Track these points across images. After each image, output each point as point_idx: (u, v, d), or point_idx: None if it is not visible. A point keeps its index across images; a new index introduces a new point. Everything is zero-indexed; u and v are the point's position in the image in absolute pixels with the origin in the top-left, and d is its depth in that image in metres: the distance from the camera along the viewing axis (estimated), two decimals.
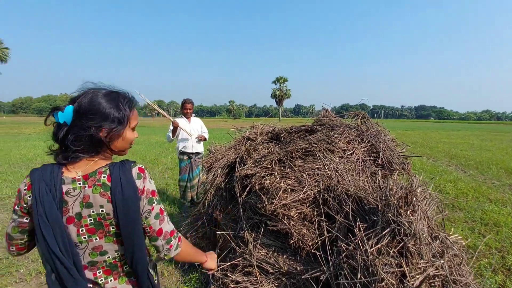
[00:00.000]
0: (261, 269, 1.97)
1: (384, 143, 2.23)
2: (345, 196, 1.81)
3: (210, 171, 2.46)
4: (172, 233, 0.93)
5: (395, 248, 1.43)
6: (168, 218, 0.94)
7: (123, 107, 0.88)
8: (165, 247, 0.91)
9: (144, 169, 0.90)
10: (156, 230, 0.89)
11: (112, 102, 0.86)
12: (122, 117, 0.87)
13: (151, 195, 0.89)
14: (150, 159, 8.59)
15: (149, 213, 0.88)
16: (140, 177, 0.87)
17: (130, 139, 0.93)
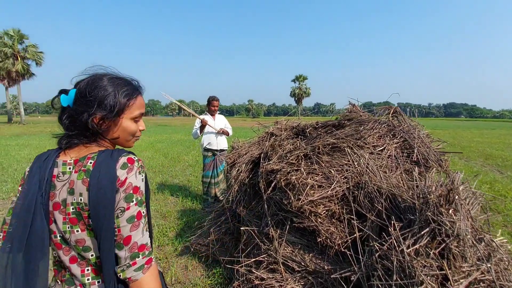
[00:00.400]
0: (286, 267, 1.92)
1: (419, 138, 2.09)
2: (377, 193, 1.71)
3: (234, 167, 2.44)
4: (142, 248, 0.76)
5: (436, 249, 1.33)
6: (144, 228, 0.77)
7: (121, 94, 0.80)
8: (127, 261, 0.74)
9: (134, 160, 0.79)
10: (124, 237, 0.73)
11: (110, 88, 0.79)
12: (116, 105, 0.79)
13: (132, 191, 0.75)
14: (172, 156, 8.81)
15: (122, 212, 0.73)
16: (125, 167, 0.76)
17: (130, 129, 0.85)
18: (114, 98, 0.78)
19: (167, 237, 3.26)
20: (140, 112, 0.87)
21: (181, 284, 2.41)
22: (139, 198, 0.77)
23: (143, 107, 0.88)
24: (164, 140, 14.15)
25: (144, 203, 0.79)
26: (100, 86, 0.78)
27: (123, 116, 0.82)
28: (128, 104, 0.82)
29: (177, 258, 2.80)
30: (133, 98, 0.84)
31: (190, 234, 3.15)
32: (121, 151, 0.81)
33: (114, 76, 0.83)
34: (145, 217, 0.79)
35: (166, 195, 4.82)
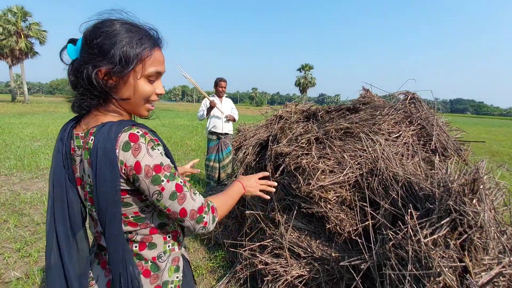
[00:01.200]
0: (292, 252, 1.87)
1: (438, 126, 1.98)
2: (392, 180, 1.62)
3: (240, 149, 2.36)
4: (201, 209, 0.73)
5: (456, 240, 1.25)
6: (191, 193, 0.72)
7: (133, 44, 0.65)
8: (197, 226, 0.74)
9: (139, 136, 0.64)
10: (178, 212, 0.70)
11: (121, 35, 0.65)
12: (127, 56, 0.64)
13: (154, 171, 0.65)
14: (175, 141, 8.75)
15: (160, 194, 0.66)
16: (128, 148, 0.63)
17: (142, 91, 0.69)
18: (124, 47, 0.64)
19: None
20: (157, 71, 0.70)
21: None
22: (167, 174, 0.67)
23: (162, 65, 0.72)
24: (167, 124, 14.08)
25: (175, 173, 0.70)
26: (108, 32, 0.64)
27: (134, 72, 0.67)
28: (141, 57, 0.67)
29: None
30: (149, 50, 0.68)
31: None
32: (122, 124, 0.66)
33: (129, 22, 0.68)
34: (185, 184, 0.71)
35: None
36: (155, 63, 0.70)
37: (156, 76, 0.72)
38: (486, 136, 14.91)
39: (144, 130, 0.67)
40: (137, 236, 0.73)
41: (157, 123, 14.24)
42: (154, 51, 0.69)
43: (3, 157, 5.54)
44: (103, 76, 0.66)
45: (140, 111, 0.75)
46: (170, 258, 0.79)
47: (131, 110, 0.74)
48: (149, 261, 0.75)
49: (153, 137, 0.68)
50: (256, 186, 1.00)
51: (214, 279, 2.22)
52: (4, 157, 5.54)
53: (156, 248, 0.76)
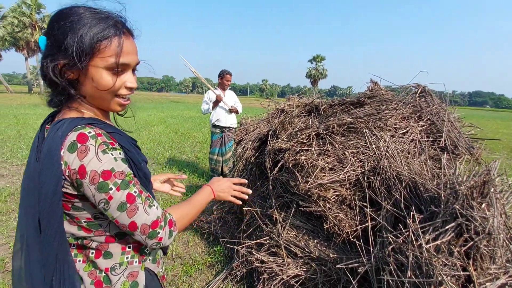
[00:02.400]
0: (288, 251, 1.82)
1: (449, 122, 1.85)
2: (396, 180, 1.53)
3: (240, 144, 2.30)
4: (155, 224, 0.66)
5: (461, 247, 1.16)
6: (145, 206, 0.65)
7: (88, 31, 0.59)
8: (149, 242, 0.66)
9: (89, 136, 0.59)
10: (127, 225, 0.63)
11: (76, 24, 0.58)
12: (82, 47, 0.58)
13: (102, 178, 0.58)
14: (183, 132, 8.78)
15: (107, 203, 0.60)
16: (74, 149, 0.58)
17: (103, 83, 0.63)
18: (78, 38, 0.58)
19: None
20: (121, 62, 0.63)
21: (181, 259, 2.38)
22: (119, 181, 0.61)
23: (128, 56, 0.64)
24: (176, 116, 14.16)
25: (131, 181, 0.63)
26: (63, 21, 0.59)
27: (93, 64, 0.61)
28: (98, 48, 0.60)
29: (179, 233, 2.77)
30: (106, 39, 0.61)
31: None
32: (75, 122, 0.61)
33: (87, 9, 0.62)
34: (139, 195, 0.65)
35: (174, 171, 4.80)
36: (115, 52, 0.62)
37: (123, 67, 0.65)
38: (505, 131, 14.24)
39: (98, 131, 0.61)
40: (93, 242, 0.68)
41: (167, 115, 14.36)
42: (115, 40, 0.62)
43: (16, 147, 5.70)
44: (62, 70, 0.61)
45: (110, 106, 0.69)
46: (126, 272, 0.71)
47: (101, 105, 0.69)
48: (102, 272, 0.69)
49: (108, 140, 0.62)
50: (228, 191, 0.93)
51: (211, 274, 2.20)
52: (17, 147, 5.71)
53: (111, 258, 0.70)
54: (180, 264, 2.31)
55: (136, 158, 0.70)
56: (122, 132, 0.72)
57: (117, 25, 0.64)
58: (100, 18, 0.62)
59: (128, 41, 0.65)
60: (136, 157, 0.71)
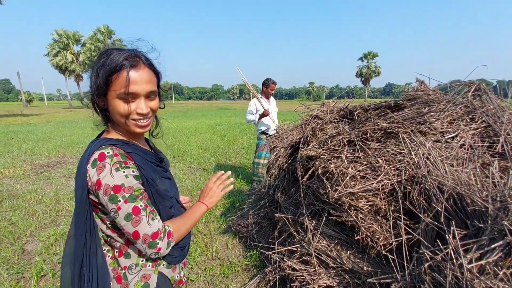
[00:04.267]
0: (320, 261, 1.78)
1: (509, 123, 1.60)
2: (437, 191, 1.39)
3: (273, 151, 2.34)
4: (155, 235, 0.75)
5: (508, 269, 1.00)
6: (148, 218, 0.74)
7: (103, 69, 0.74)
8: (149, 251, 0.75)
9: (107, 156, 0.72)
10: (131, 233, 0.73)
11: (95, 63, 0.76)
12: (96, 81, 0.75)
13: (113, 191, 0.70)
14: (228, 138, 9.19)
15: (116, 213, 0.72)
16: (95, 166, 0.72)
17: (117, 110, 0.76)
18: (94, 74, 0.75)
19: (213, 214, 3.44)
20: (128, 91, 0.73)
21: (220, 260, 2.52)
22: (127, 195, 0.71)
23: (133, 85, 0.74)
24: (223, 122, 14.87)
25: (139, 196, 0.74)
26: (95, 61, 0.76)
27: (108, 95, 0.75)
28: (109, 81, 0.74)
29: (220, 236, 2.93)
30: (115, 73, 0.73)
31: (233, 214, 3.25)
32: (101, 142, 0.77)
33: (111, 49, 0.77)
34: (145, 208, 0.74)
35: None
36: (123, 84, 0.73)
37: (133, 96, 0.75)
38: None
39: (116, 152, 0.74)
40: (117, 242, 0.81)
41: (215, 122, 15.19)
42: (123, 73, 0.73)
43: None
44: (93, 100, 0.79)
45: (128, 128, 0.80)
46: (141, 273, 0.82)
47: (123, 127, 0.82)
48: (122, 269, 0.81)
49: (123, 160, 0.74)
50: (215, 193, 0.97)
51: (247, 277, 2.28)
52: None
53: (129, 258, 0.82)
54: (219, 265, 2.45)
55: (149, 175, 0.81)
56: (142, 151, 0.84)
57: (128, 59, 0.74)
58: (115, 56, 0.74)
59: (137, 73, 0.75)
60: (150, 174, 0.81)
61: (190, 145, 7.95)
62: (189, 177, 5.02)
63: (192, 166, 5.74)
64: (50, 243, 2.76)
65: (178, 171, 5.37)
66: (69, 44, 32.06)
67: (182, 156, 6.58)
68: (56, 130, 11.49)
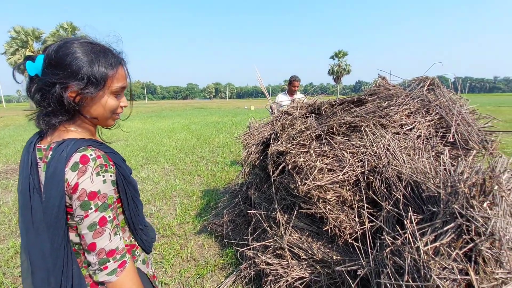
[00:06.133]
0: (293, 254, 1.82)
1: (459, 115, 1.73)
2: (396, 179, 1.47)
3: (245, 148, 2.34)
4: (111, 253, 0.70)
5: (460, 249, 1.09)
6: (112, 233, 0.71)
7: (100, 63, 0.69)
8: (96, 266, 0.70)
9: (90, 158, 0.67)
10: (88, 244, 0.69)
11: (87, 54, 0.68)
12: (95, 75, 0.68)
13: (88, 197, 0.66)
14: (204, 138, 9.05)
15: (81, 220, 0.67)
16: (76, 169, 0.66)
17: (110, 106, 0.74)
18: (92, 67, 0.68)
19: (188, 215, 3.37)
20: (122, 86, 0.76)
21: (195, 261, 2.48)
22: (99, 204, 0.68)
23: (125, 80, 0.77)
24: (198, 122, 14.61)
25: (111, 205, 0.71)
26: (74, 51, 0.67)
27: (102, 90, 0.72)
28: (108, 76, 0.71)
29: (195, 236, 2.88)
30: (115, 68, 0.73)
31: (208, 214, 3.21)
32: (78, 144, 0.69)
33: (90, 41, 0.72)
34: (112, 221, 0.71)
35: (193, 175, 4.98)
36: (120, 79, 0.75)
37: (121, 90, 0.77)
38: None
39: (98, 153, 0.70)
40: None
41: (191, 121, 14.89)
42: (119, 68, 0.75)
43: None
44: (75, 96, 0.69)
45: (107, 123, 0.80)
46: None
47: (99, 123, 0.80)
48: None
49: (104, 162, 0.70)
50: None
51: (223, 276, 2.26)
52: None
53: None
54: (194, 266, 2.41)
55: (126, 173, 0.79)
56: (113, 150, 0.80)
57: (118, 56, 0.76)
58: (105, 50, 0.73)
59: (123, 68, 0.78)
60: (126, 171, 0.79)
61: (164, 146, 7.72)
62: (163, 178, 4.88)
63: (166, 167, 5.58)
64: (10, 256, 2.55)
65: (151, 172, 5.20)
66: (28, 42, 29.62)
67: (155, 157, 6.37)
68: (15, 134, 10.58)
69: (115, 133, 10.31)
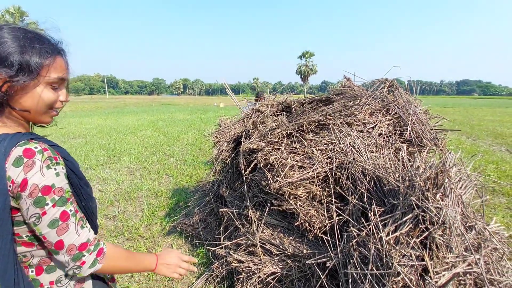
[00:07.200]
0: (265, 250, 1.84)
1: (414, 115, 1.89)
2: (361, 175, 1.56)
3: (216, 146, 2.31)
4: (83, 246, 0.66)
5: (418, 238, 1.20)
6: (79, 226, 0.66)
7: (34, 50, 0.63)
8: (71, 264, 0.65)
9: (36, 151, 0.61)
10: (54, 242, 0.63)
11: (17, 40, 0.62)
12: (28, 64, 0.62)
13: (42, 193, 0.60)
14: (172, 135, 8.74)
15: (38, 218, 0.61)
16: (20, 164, 0.59)
17: (46, 99, 0.67)
18: (23, 54, 0.62)
19: (156, 216, 3.23)
20: (60, 77, 0.69)
21: None
22: (56, 198, 0.62)
23: (64, 72, 0.70)
24: (166, 119, 14.05)
25: (69, 199, 0.66)
26: (1, 36, 0.61)
27: (36, 80, 0.64)
28: (43, 64, 0.64)
29: (164, 238, 2.77)
30: (50, 57, 0.66)
31: (178, 214, 3.11)
32: (16, 138, 0.62)
33: (23, 27, 0.65)
34: (74, 214, 0.66)
35: (161, 174, 4.79)
36: (58, 69, 0.68)
37: (60, 82, 0.70)
38: (491, 118, 14.54)
39: (43, 146, 0.64)
40: (33, 258, 0.68)
41: (157, 118, 14.24)
42: (56, 58, 0.68)
43: None
44: (2, 84, 0.62)
45: (42, 119, 0.71)
46: (73, 281, 0.73)
47: (32, 118, 0.70)
48: (45, 287, 0.70)
49: (53, 155, 0.64)
50: (174, 268, 0.87)
51: (194, 276, 2.21)
52: None
53: (55, 271, 0.71)
54: None
55: (75, 166, 0.72)
56: (57, 144, 0.73)
57: (56, 45, 0.70)
58: (42, 39, 0.66)
59: (63, 58, 0.71)
60: (75, 165, 0.73)
61: (128, 144, 7.29)
62: (128, 178, 4.61)
63: (131, 166, 5.28)
64: None
65: (114, 172, 4.88)
66: None
67: (119, 156, 5.99)
68: None
69: (73, 130, 9.49)
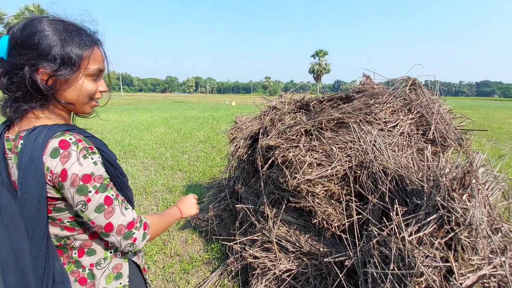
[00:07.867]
0: (281, 247, 1.85)
1: (438, 114, 1.84)
2: (382, 174, 1.54)
3: (233, 142, 2.32)
4: (131, 224, 0.70)
5: (442, 239, 1.17)
6: (121, 208, 0.70)
7: (74, 42, 0.63)
8: (124, 243, 0.70)
9: (71, 142, 0.62)
10: (103, 226, 0.67)
11: (58, 33, 0.62)
12: (70, 56, 0.63)
13: (82, 181, 0.62)
14: (185, 132, 8.85)
15: (84, 205, 0.64)
16: (57, 155, 0.60)
17: (87, 90, 0.68)
18: (65, 46, 0.62)
19: None
20: (99, 68, 0.70)
21: (179, 256, 2.43)
22: (98, 185, 0.65)
23: (102, 62, 0.72)
24: (178, 116, 14.25)
25: (109, 185, 0.68)
26: (42, 29, 0.61)
27: (78, 73, 0.66)
28: (83, 56, 0.65)
29: (179, 232, 2.82)
30: (89, 48, 0.67)
31: None
32: (53, 129, 0.63)
33: (61, 19, 0.66)
34: (117, 198, 0.69)
35: (175, 170, 4.87)
36: (96, 60, 0.70)
37: (98, 73, 0.72)
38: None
39: (78, 137, 0.65)
40: (76, 241, 0.71)
41: (170, 115, 14.47)
42: (94, 49, 0.69)
43: None
44: (47, 78, 0.63)
45: (84, 110, 0.74)
46: (111, 265, 0.76)
47: (75, 110, 0.73)
48: (86, 268, 0.73)
49: (88, 145, 0.66)
50: (194, 207, 1.00)
51: (208, 270, 2.24)
52: None
53: (95, 254, 0.74)
54: (179, 262, 2.36)
55: (111, 158, 0.74)
56: (93, 135, 0.75)
57: (93, 36, 0.70)
58: (78, 29, 0.67)
59: (99, 49, 0.72)
60: (111, 156, 0.74)
61: (143, 140, 7.44)
62: (143, 173, 4.72)
63: (145, 162, 5.40)
64: None
65: (130, 167, 5.00)
66: None
67: (134, 152, 6.13)
68: None
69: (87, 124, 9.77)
